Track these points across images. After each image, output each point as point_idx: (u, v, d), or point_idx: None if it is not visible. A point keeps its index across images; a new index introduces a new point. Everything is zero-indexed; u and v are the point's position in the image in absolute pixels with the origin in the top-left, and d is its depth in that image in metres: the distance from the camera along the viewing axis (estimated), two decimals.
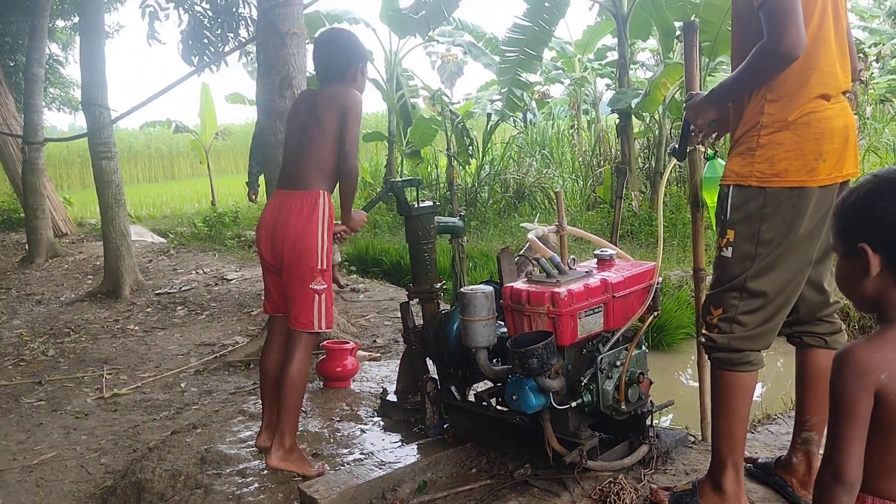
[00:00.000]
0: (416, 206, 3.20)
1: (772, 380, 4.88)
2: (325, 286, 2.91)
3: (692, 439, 2.93)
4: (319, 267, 2.87)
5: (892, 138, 10.05)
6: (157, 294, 7.41)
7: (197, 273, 8.39)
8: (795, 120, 2.07)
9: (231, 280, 7.87)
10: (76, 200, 15.47)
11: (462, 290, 2.69)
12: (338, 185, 2.99)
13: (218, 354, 5.30)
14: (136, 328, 6.30)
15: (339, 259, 6.08)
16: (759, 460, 2.61)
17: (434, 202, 3.31)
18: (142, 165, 27.71)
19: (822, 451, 2.46)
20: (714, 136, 2.55)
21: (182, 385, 4.69)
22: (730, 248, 2.20)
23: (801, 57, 1.99)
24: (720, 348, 2.24)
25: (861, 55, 12.32)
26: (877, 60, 13.86)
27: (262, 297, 3.23)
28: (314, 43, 3.11)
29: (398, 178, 3.37)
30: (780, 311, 2.23)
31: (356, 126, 2.90)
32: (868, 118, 11.03)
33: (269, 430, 3.02)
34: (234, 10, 6.64)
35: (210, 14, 6.67)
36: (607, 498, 2.42)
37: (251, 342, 5.24)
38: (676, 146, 2.61)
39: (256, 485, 2.82)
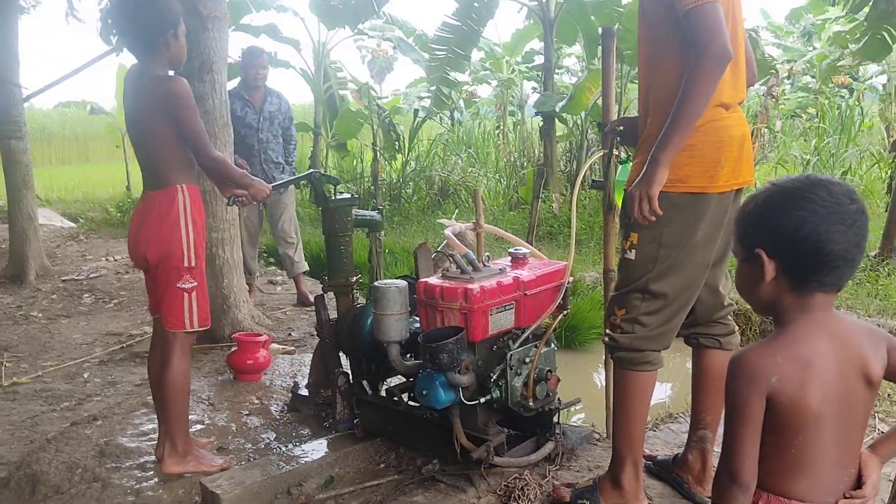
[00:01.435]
0: (333, 197, 3.17)
1: (680, 380, 5.04)
2: (195, 283, 2.77)
3: (597, 436, 3.00)
4: (186, 265, 2.73)
5: (800, 152, 10.53)
6: (63, 280, 7.11)
7: (107, 260, 8.09)
8: (698, 127, 2.13)
9: None
10: None
11: (375, 283, 2.68)
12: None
13: (125, 345, 5.12)
14: (40, 315, 6.02)
15: (256, 271, 5.90)
16: (658, 458, 2.70)
17: (352, 194, 3.28)
18: (55, 147, 26.51)
19: (716, 450, 2.57)
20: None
21: (85, 375, 4.51)
22: (633, 251, 2.26)
23: None
24: (622, 348, 2.30)
25: (773, 71, 12.86)
26: (788, 77, 14.48)
27: None
28: (112, 7, 2.78)
29: (314, 171, 3.29)
30: (679, 312, 2.30)
31: (193, 113, 2.68)
32: (778, 132, 11.52)
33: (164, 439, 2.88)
34: None
35: None
36: (512, 493, 2.45)
37: None
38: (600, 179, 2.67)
39: (156, 479, 2.74)
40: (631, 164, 2.75)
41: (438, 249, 3.38)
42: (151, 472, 2.79)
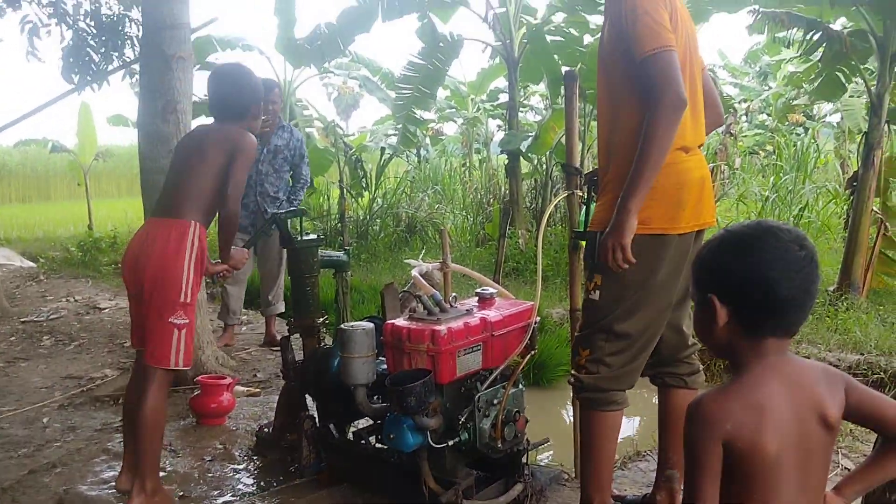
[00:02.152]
0: (299, 238, 3.16)
1: (648, 415, 5.06)
2: (187, 321, 2.77)
3: (566, 477, 3.00)
4: (182, 300, 2.74)
5: (759, 189, 10.77)
6: (22, 322, 6.94)
7: (68, 301, 7.92)
8: (660, 170, 2.18)
9: (104, 309, 7.47)
10: None
11: (342, 326, 2.67)
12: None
13: (85, 388, 4.99)
14: None
15: (281, 309, 5.80)
16: (628, 497, 2.70)
17: (318, 235, 3.27)
18: (15, 185, 26.09)
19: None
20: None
21: (44, 420, 4.38)
22: (597, 291, 2.29)
23: None
24: (588, 388, 2.32)
25: (732, 110, 13.21)
26: (745, 115, 14.87)
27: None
28: (211, 76, 3.00)
29: (281, 211, 3.30)
30: (642, 352, 2.33)
31: (245, 170, 2.83)
32: (737, 169, 11.77)
33: (131, 472, 2.84)
34: (119, 28, 6.42)
35: (94, 31, 6.42)
36: None
37: (121, 375, 4.97)
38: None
39: None
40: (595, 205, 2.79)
41: (405, 289, 3.37)
42: None
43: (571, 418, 4.37)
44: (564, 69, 8.45)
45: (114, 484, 2.98)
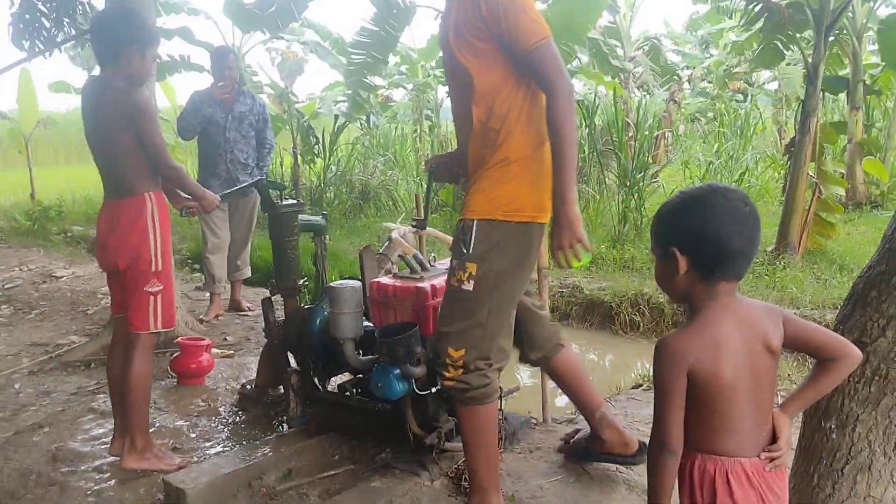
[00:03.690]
0: (280, 203, 3.29)
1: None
2: (161, 287, 2.90)
3: (534, 421, 3.23)
4: (154, 269, 2.86)
5: (703, 154, 11.17)
6: None
7: (21, 270, 7.83)
8: (529, 158, 2.29)
9: (61, 278, 7.43)
10: None
11: (331, 284, 2.83)
12: None
13: (52, 355, 5.04)
14: None
15: (248, 273, 5.90)
16: (573, 440, 2.89)
17: (298, 200, 3.40)
18: None
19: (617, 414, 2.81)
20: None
21: (16, 386, 4.43)
22: (472, 282, 2.25)
23: (537, 107, 2.28)
24: (475, 387, 2.29)
25: (676, 77, 13.59)
26: (688, 83, 15.27)
27: (98, 296, 3.17)
28: (95, 14, 2.99)
29: (263, 179, 3.42)
30: (509, 335, 2.40)
31: (154, 125, 2.86)
32: (681, 135, 12.18)
33: (122, 437, 2.96)
34: None
35: None
36: (463, 475, 2.64)
37: (91, 341, 5.03)
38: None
39: (116, 480, 2.81)
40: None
41: (380, 251, 3.54)
42: (109, 474, 2.84)
43: (530, 371, 4.62)
44: None
45: (106, 440, 3.11)
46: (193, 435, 3.24)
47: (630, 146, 8.34)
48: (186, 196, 3.10)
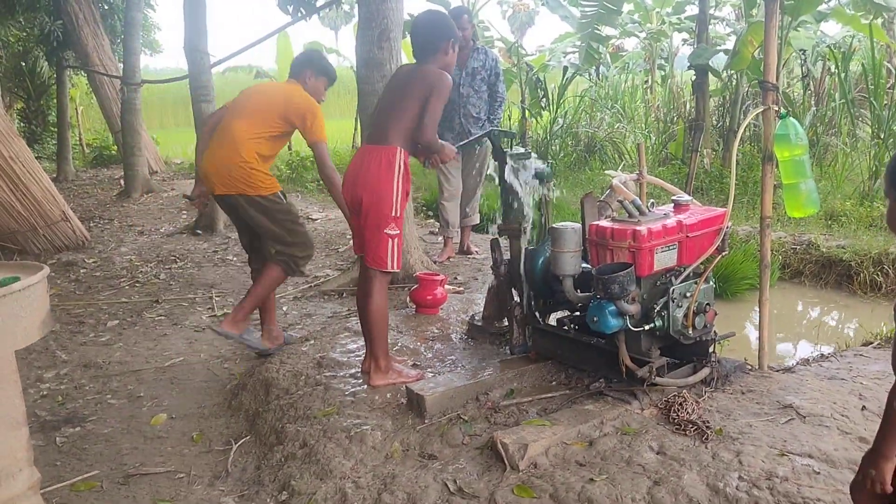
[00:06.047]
0: (510, 152, 3.57)
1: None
2: (398, 232, 3.28)
3: (749, 367, 3.29)
4: (393, 214, 3.23)
5: None
6: None
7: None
8: None
9: (316, 220, 8.40)
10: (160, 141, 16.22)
11: (553, 225, 3.08)
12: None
13: (312, 285, 5.82)
14: (235, 259, 6.86)
15: (476, 220, 6.44)
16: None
17: (526, 149, 3.67)
18: None
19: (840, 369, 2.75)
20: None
21: (284, 308, 5.22)
22: None
23: None
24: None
25: None
26: None
27: (347, 237, 3.66)
28: (411, 25, 3.47)
29: (495, 129, 3.74)
30: None
31: (439, 105, 3.23)
32: None
33: (369, 358, 3.40)
34: None
35: None
36: (672, 407, 2.81)
37: (342, 275, 5.75)
38: None
39: (368, 385, 3.31)
40: (790, 119, 2.98)
41: (601, 199, 3.72)
42: (362, 380, 3.36)
43: (753, 326, 4.59)
44: None
45: (360, 353, 3.64)
46: (429, 355, 3.68)
47: (889, 94, 7.67)
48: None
